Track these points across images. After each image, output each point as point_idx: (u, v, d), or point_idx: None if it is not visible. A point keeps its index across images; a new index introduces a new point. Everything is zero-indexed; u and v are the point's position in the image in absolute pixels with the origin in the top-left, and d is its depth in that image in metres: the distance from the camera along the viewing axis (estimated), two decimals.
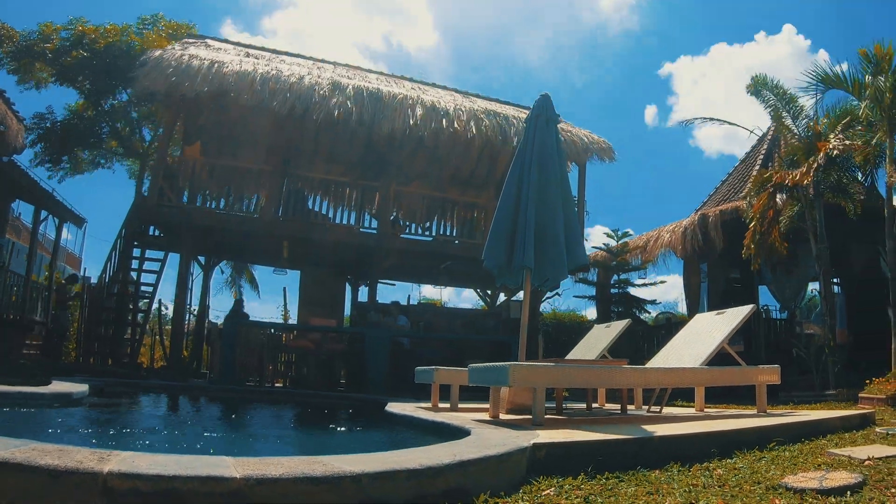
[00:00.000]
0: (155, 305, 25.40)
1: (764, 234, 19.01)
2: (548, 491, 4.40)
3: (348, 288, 27.28)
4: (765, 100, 22.19)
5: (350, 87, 20.80)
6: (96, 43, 25.18)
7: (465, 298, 66.97)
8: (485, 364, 7.99)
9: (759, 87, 21.89)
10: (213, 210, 21.98)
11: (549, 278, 10.06)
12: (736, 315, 10.02)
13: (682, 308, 29.50)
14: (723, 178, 27.97)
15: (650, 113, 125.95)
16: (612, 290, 27.12)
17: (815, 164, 17.88)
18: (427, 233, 25.45)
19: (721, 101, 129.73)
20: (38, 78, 26.06)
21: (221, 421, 11.86)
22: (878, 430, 7.64)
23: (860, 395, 14.03)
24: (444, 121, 21.30)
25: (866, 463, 5.28)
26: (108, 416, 10.84)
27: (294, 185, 22.76)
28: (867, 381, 14.53)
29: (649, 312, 27.92)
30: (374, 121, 20.32)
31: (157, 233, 22.29)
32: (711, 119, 27.69)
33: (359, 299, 26.32)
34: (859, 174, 20.29)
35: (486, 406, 9.04)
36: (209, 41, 22.97)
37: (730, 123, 28.38)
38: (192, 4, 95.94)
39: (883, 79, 16.63)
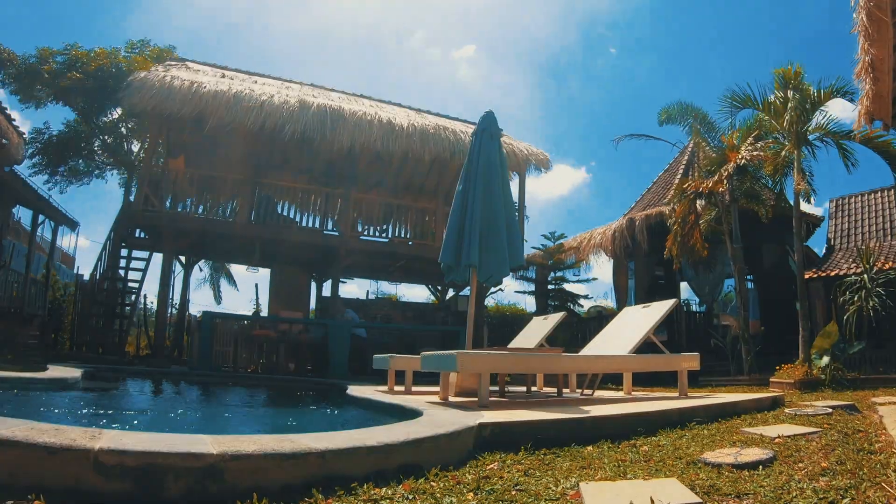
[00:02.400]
0: (140, 300, 25.22)
1: (685, 236, 19.25)
2: (492, 465, 4.42)
3: (313, 284, 27.29)
4: (681, 121, 22.53)
5: (315, 104, 20.78)
6: (88, 65, 25.09)
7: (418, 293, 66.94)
8: (436, 352, 8.02)
9: (671, 116, 22.40)
10: (193, 215, 21.96)
11: (492, 275, 10.07)
12: (660, 308, 10.12)
13: (612, 302, 29.70)
14: (648, 185, 28.23)
15: None
16: (549, 286, 27.30)
17: (727, 172, 18.14)
18: (384, 235, 25.52)
19: None
20: (38, 97, 25.91)
21: (200, 402, 11.82)
22: (787, 410, 7.73)
23: (771, 379, 14.23)
24: (398, 135, 21.39)
25: (776, 441, 5.34)
26: (99, 398, 10.74)
27: (265, 192, 22.73)
28: (777, 367, 14.79)
29: (582, 306, 28.15)
30: (336, 135, 20.36)
31: (142, 235, 22.17)
32: (640, 135, 27.96)
33: (322, 294, 26.43)
34: (770, 182, 20.54)
35: (437, 389, 9.04)
36: (189, 63, 22.84)
37: (655, 138, 28.61)
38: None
39: (791, 97, 16.86)
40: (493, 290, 27.79)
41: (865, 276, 16.80)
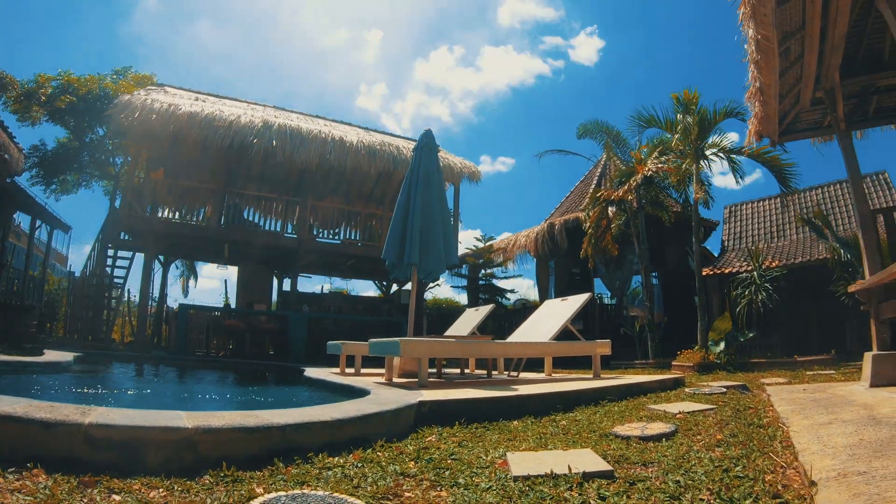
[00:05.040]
0: (125, 294, 25.05)
1: (598, 238, 19.50)
2: (430, 437, 4.45)
3: (275, 280, 27.35)
4: (596, 137, 22.76)
5: (276, 124, 20.72)
6: (79, 90, 24.98)
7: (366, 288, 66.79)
8: (381, 339, 8.03)
9: (587, 132, 22.63)
10: (170, 220, 21.84)
11: (430, 272, 10.10)
12: (577, 301, 10.21)
13: (535, 295, 29.91)
14: (566, 194, 28.49)
15: None
16: (480, 282, 27.42)
17: (635, 183, 18.38)
18: (336, 237, 25.60)
19: None
20: (35, 117, 25.74)
21: (177, 382, 11.71)
22: (687, 390, 7.82)
23: (673, 363, 14.42)
24: (349, 151, 21.45)
25: (678, 416, 5.41)
26: (89, 379, 10.63)
27: (233, 200, 22.72)
28: (678, 353, 14.96)
29: (509, 299, 28.24)
30: (295, 151, 20.35)
31: (126, 237, 22.00)
32: (559, 151, 28.23)
33: (283, 289, 26.38)
34: (674, 192, 20.84)
35: (383, 372, 9.09)
36: (167, 88, 22.66)
37: (573, 153, 28.92)
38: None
39: (690, 118, 17.10)
40: (431, 285, 28.04)
41: (755, 273, 17.13)
